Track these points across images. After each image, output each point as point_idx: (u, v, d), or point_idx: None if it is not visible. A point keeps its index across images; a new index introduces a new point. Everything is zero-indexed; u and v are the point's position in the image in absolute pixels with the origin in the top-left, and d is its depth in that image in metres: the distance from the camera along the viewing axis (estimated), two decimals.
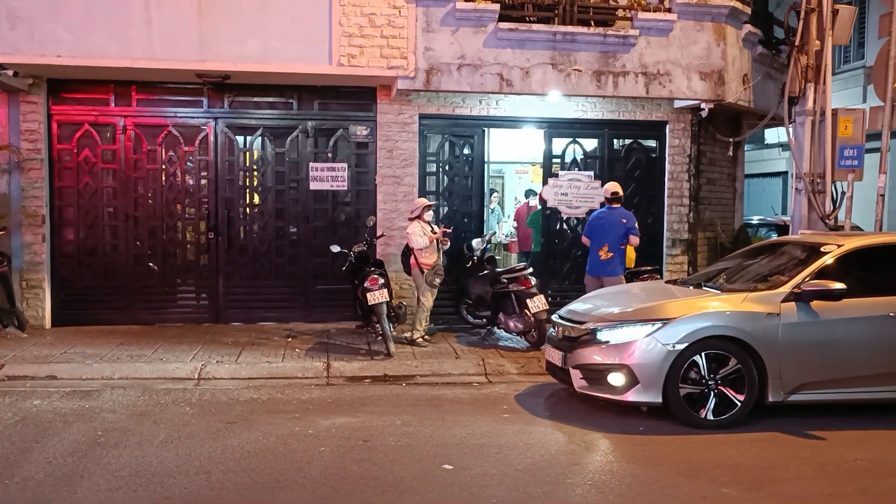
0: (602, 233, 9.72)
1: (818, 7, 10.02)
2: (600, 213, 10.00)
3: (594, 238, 9.80)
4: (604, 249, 9.63)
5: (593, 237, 9.82)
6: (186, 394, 7.72)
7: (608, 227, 9.69)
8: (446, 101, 10.97)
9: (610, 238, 9.63)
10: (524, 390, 8.04)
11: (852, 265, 7.16)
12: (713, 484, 5.42)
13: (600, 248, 9.67)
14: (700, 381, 6.72)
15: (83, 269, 10.75)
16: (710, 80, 10.69)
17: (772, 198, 21.04)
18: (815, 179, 10.15)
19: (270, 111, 10.98)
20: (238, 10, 9.71)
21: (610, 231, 9.66)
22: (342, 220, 11.21)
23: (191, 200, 10.98)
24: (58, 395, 7.57)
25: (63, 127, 10.57)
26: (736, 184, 13.28)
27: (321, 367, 8.59)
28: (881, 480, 5.58)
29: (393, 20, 10.01)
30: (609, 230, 9.67)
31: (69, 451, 5.91)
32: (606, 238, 9.65)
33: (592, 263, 9.82)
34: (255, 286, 11.09)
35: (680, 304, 7.07)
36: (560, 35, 10.25)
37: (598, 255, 9.69)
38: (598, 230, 9.78)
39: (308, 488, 5.24)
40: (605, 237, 9.67)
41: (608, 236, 9.65)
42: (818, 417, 6.95)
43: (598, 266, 9.73)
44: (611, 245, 9.61)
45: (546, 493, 5.23)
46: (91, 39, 9.47)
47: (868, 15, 16.96)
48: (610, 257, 9.61)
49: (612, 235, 9.62)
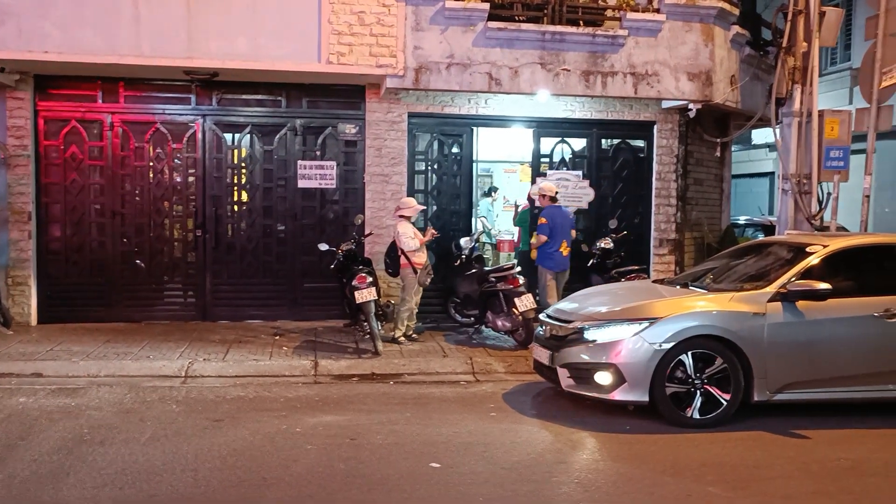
0: (564, 230, 10.22)
1: (805, 9, 10.10)
2: (556, 211, 10.26)
3: (557, 235, 10.14)
4: (563, 245, 10.17)
5: (555, 234, 10.13)
6: (173, 391, 7.70)
7: (567, 225, 10.32)
8: (435, 100, 10.98)
9: (567, 234, 10.26)
10: (511, 389, 8.06)
11: (837, 266, 7.21)
12: (698, 482, 5.45)
13: (561, 245, 10.16)
14: (686, 381, 6.75)
15: (70, 267, 10.70)
16: (698, 80, 10.74)
17: (759, 198, 21.15)
18: (801, 180, 10.22)
19: (259, 109, 10.95)
20: (227, 7, 9.68)
21: (567, 228, 10.30)
22: (330, 218, 11.20)
23: (178, 198, 10.94)
24: (44, 393, 7.53)
25: (50, 123, 10.51)
26: (723, 184, 13.35)
27: (308, 365, 8.58)
28: (864, 479, 5.62)
29: (382, 18, 10.01)
30: (567, 227, 10.29)
31: (55, 449, 5.88)
32: (566, 235, 10.23)
33: (557, 260, 10.20)
34: (242, 284, 11.06)
35: (667, 303, 7.11)
36: (549, 35, 10.27)
37: (561, 252, 10.17)
38: (559, 228, 10.16)
39: (295, 486, 5.24)
40: (564, 234, 10.21)
41: (566, 233, 10.25)
42: (803, 417, 6.99)
43: (563, 261, 10.24)
44: (568, 241, 10.27)
45: (532, 491, 5.24)
46: (79, 35, 9.42)
47: (854, 17, 17.07)
48: (569, 252, 10.30)
49: (568, 231, 10.30)
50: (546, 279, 10.20)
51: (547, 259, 10.21)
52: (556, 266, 10.23)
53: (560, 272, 10.30)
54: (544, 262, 10.23)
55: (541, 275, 10.25)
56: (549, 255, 10.18)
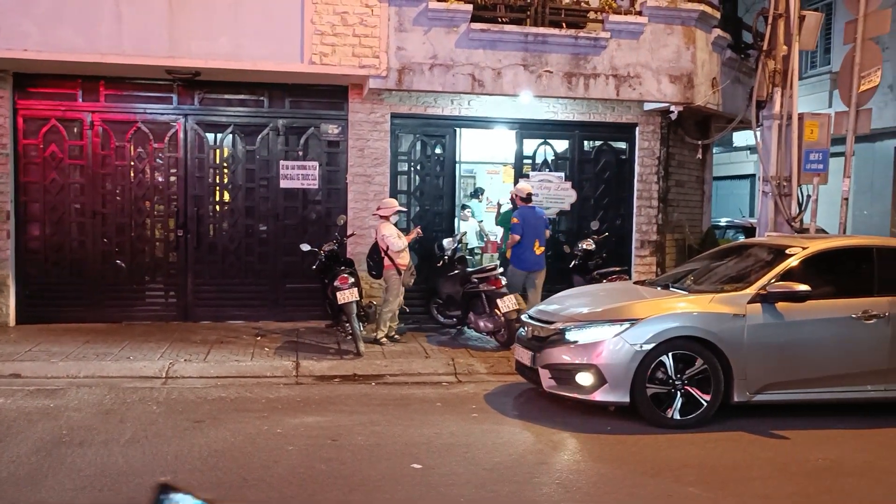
0: (537, 230, 10.25)
1: (785, 13, 10.18)
2: (529, 212, 10.31)
3: (529, 235, 10.15)
4: (536, 244, 10.20)
5: (527, 234, 10.15)
6: (153, 392, 7.65)
7: (540, 225, 10.31)
8: (418, 101, 10.98)
9: (540, 234, 10.26)
10: (493, 390, 8.07)
11: (817, 267, 7.29)
12: (679, 483, 5.48)
13: (533, 245, 10.20)
14: (667, 381, 6.79)
15: (49, 266, 10.60)
16: (680, 83, 10.81)
17: (739, 200, 21.29)
18: (781, 183, 10.30)
19: (241, 108, 10.91)
20: (209, 6, 9.64)
21: (540, 228, 10.30)
22: (313, 218, 11.18)
23: (160, 197, 10.88)
24: (22, 394, 7.46)
25: (29, 122, 10.41)
26: (704, 186, 13.44)
27: (290, 365, 8.56)
28: (842, 479, 5.68)
29: (365, 19, 10.00)
30: (539, 227, 10.29)
31: (33, 450, 5.83)
32: (538, 234, 10.24)
33: (526, 259, 10.21)
34: (224, 284, 11.01)
35: (648, 304, 7.14)
36: (532, 36, 10.30)
37: (534, 251, 10.19)
38: (531, 227, 10.20)
39: (275, 487, 5.22)
40: (537, 234, 10.23)
41: (540, 233, 10.27)
42: (782, 417, 7.05)
43: (535, 261, 10.24)
44: (542, 241, 10.26)
45: (513, 491, 5.26)
46: (59, 34, 9.35)
47: (834, 21, 17.22)
48: (542, 251, 10.29)
49: (541, 231, 10.31)
50: (515, 278, 10.18)
51: (515, 258, 10.27)
52: (525, 266, 10.22)
53: (533, 272, 10.27)
54: (514, 261, 10.29)
55: (510, 274, 10.22)
56: (518, 255, 10.23)
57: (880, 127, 15.14)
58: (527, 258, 10.19)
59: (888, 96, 15.82)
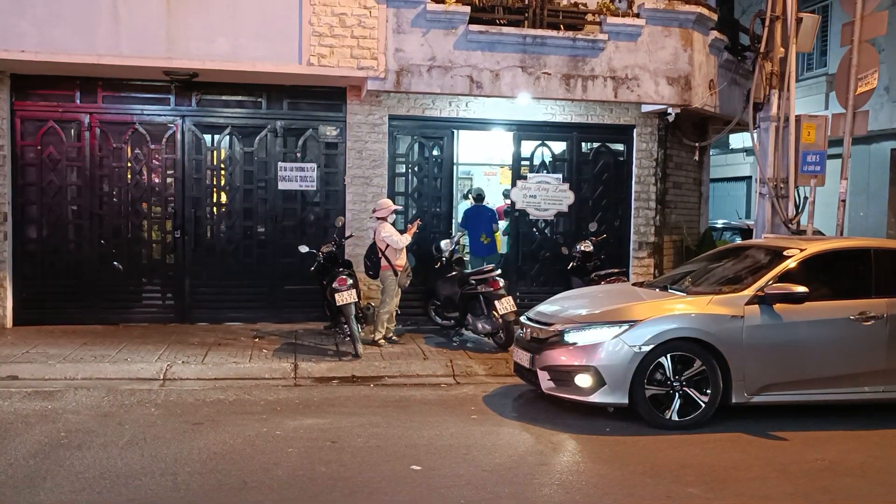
0: (478, 225, 11.92)
1: (783, 15, 10.20)
2: (472, 211, 12.06)
3: (472, 229, 11.94)
4: (483, 236, 11.86)
5: (471, 229, 11.95)
6: (152, 394, 7.64)
7: (480, 221, 11.89)
8: (416, 103, 10.98)
9: (486, 228, 11.90)
10: (492, 391, 8.07)
11: (814, 269, 7.30)
12: (678, 483, 5.49)
13: (480, 236, 11.86)
14: (665, 383, 6.80)
15: (46, 268, 10.58)
16: (678, 85, 10.82)
17: (736, 202, 21.34)
18: (778, 184, 10.32)
19: (239, 110, 10.90)
20: (207, 7, 9.64)
21: (481, 223, 11.90)
22: (311, 220, 11.18)
23: (157, 199, 10.87)
24: (19, 396, 7.45)
25: (27, 123, 10.40)
26: (701, 188, 13.46)
27: (289, 367, 8.55)
28: (841, 480, 5.69)
29: (363, 20, 10.00)
30: (480, 223, 11.90)
31: (31, 453, 5.82)
32: (484, 228, 11.89)
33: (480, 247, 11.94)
34: (222, 286, 11.00)
35: (646, 306, 7.14)
36: (530, 38, 10.31)
37: (482, 241, 11.87)
38: (472, 223, 11.93)
39: (275, 490, 5.22)
40: (482, 228, 11.90)
41: (486, 227, 11.91)
42: (780, 418, 7.07)
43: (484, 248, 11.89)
44: (488, 233, 11.87)
45: (513, 493, 5.26)
46: (56, 35, 9.34)
47: (831, 23, 17.28)
48: (489, 241, 11.91)
49: (486, 226, 11.93)
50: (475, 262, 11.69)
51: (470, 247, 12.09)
52: (479, 253, 11.83)
53: (484, 256, 11.76)
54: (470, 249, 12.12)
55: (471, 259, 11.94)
56: (471, 245, 12.01)
57: (877, 129, 15.21)
58: (477, 247, 11.88)
59: (884, 98, 15.88)
